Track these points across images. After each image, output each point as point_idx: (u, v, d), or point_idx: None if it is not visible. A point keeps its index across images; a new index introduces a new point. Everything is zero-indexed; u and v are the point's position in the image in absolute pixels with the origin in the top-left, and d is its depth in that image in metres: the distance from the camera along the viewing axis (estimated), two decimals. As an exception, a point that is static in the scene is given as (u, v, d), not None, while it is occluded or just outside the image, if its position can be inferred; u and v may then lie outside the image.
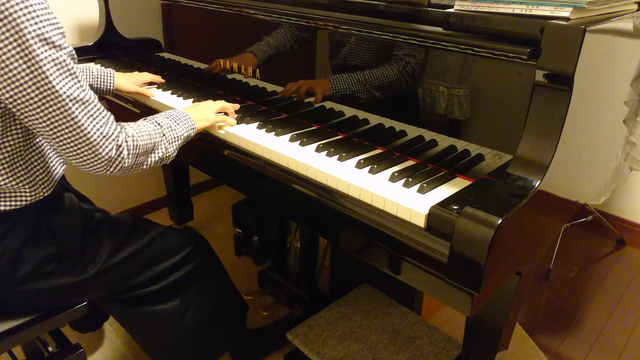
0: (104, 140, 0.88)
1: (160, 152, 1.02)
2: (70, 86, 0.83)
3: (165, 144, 1.03)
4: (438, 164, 0.97)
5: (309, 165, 0.99)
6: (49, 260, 1.03)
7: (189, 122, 1.11)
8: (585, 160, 1.00)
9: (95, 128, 0.87)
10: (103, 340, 1.65)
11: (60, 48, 0.81)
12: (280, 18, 1.19)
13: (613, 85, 1.03)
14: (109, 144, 0.89)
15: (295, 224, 1.73)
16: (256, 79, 1.31)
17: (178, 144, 1.07)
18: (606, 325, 1.80)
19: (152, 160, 1.01)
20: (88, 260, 1.08)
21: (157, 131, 1.02)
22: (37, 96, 0.81)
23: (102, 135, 0.88)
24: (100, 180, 2.16)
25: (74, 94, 0.83)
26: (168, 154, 1.05)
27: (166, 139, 1.04)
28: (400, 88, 1.03)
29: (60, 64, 0.81)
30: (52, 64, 0.80)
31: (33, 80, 0.79)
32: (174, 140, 1.06)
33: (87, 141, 0.86)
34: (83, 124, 0.85)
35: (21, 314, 1.07)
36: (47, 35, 0.79)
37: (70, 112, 0.83)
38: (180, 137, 1.07)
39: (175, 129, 1.07)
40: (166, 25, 1.56)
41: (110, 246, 1.11)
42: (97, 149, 0.88)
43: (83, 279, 1.08)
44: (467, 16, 0.88)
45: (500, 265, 0.78)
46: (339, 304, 1.57)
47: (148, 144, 0.98)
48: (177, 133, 1.07)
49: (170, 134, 1.05)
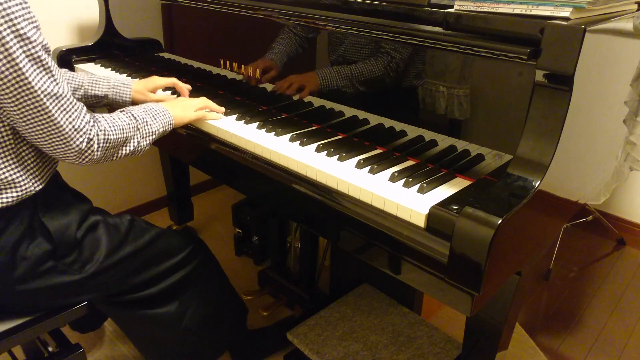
0: (75, 133, 0.92)
1: (132, 145, 1.05)
2: (44, 81, 0.87)
3: (138, 138, 1.06)
4: (438, 164, 0.97)
5: (309, 165, 0.99)
6: (45, 258, 1.03)
7: (167, 118, 1.13)
8: (585, 160, 1.00)
9: (68, 122, 0.91)
10: (103, 340, 1.65)
11: (35, 42, 0.84)
12: (280, 18, 1.19)
13: (613, 85, 1.03)
14: (80, 137, 0.93)
15: (295, 224, 1.73)
16: (256, 78, 1.31)
17: (152, 139, 1.09)
18: (606, 325, 1.80)
19: (123, 152, 1.04)
20: (86, 259, 1.08)
21: (131, 125, 1.04)
22: (16, 90, 0.85)
23: (74, 129, 0.92)
24: (100, 180, 2.16)
25: (47, 89, 0.87)
26: (140, 148, 1.07)
27: (140, 133, 1.06)
28: (385, 82, 1.03)
29: (35, 60, 0.85)
30: (27, 60, 0.84)
31: (12, 75, 0.83)
32: (147, 135, 1.08)
33: (59, 134, 0.91)
34: (56, 118, 0.89)
35: (21, 314, 1.07)
36: (22, 31, 0.82)
37: (44, 106, 0.87)
38: (155, 132, 1.09)
39: (151, 124, 1.08)
40: (166, 25, 1.56)
41: (108, 246, 1.11)
42: (69, 141, 0.92)
43: (81, 278, 1.07)
44: (467, 16, 0.88)
45: (500, 265, 0.78)
46: (339, 304, 1.57)
47: (120, 137, 1.01)
48: (152, 128, 1.09)
49: (145, 129, 1.07)
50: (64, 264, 1.05)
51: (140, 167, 2.31)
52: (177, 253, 1.23)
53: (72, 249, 1.06)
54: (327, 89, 1.14)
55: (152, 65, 1.66)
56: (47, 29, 1.85)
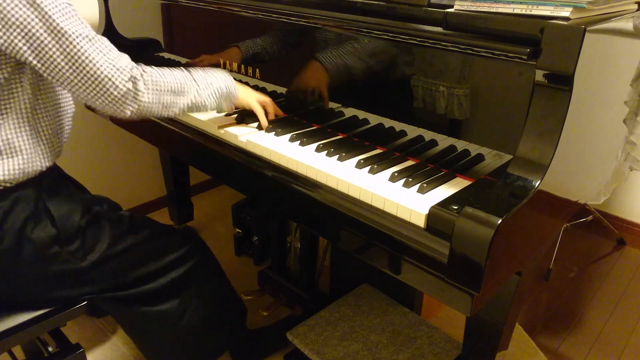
0: (117, 72, 0.93)
1: (192, 95, 1.02)
2: (76, 25, 0.91)
3: (195, 88, 1.02)
4: (438, 164, 0.97)
5: (309, 165, 0.99)
6: (50, 243, 1.04)
7: (229, 81, 1.09)
8: (585, 160, 1.00)
9: (107, 62, 0.92)
10: (103, 340, 1.65)
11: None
12: (280, 18, 1.19)
13: (613, 85, 1.03)
14: (124, 76, 0.93)
15: (295, 224, 1.73)
16: (256, 78, 1.31)
17: (212, 92, 1.05)
18: (606, 325, 1.80)
19: (183, 103, 1.01)
20: (88, 248, 1.09)
21: (185, 75, 1.02)
22: (47, 38, 0.88)
23: (115, 68, 0.92)
24: (100, 180, 2.16)
25: (79, 31, 0.91)
26: (202, 101, 1.03)
27: (197, 84, 1.02)
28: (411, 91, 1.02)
29: (63, 8, 0.90)
30: (54, 7, 0.88)
31: (40, 23, 0.87)
32: (207, 87, 1.04)
33: (101, 75, 0.92)
34: (94, 58, 0.91)
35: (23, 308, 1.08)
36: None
37: (79, 47, 0.90)
38: (214, 85, 1.05)
39: (208, 78, 1.05)
40: (166, 25, 1.56)
41: (110, 237, 1.13)
42: (113, 82, 0.92)
43: (83, 266, 1.09)
44: (467, 16, 0.88)
45: (500, 265, 0.78)
46: (339, 304, 1.57)
47: (172, 82, 0.99)
48: (211, 81, 1.05)
49: (202, 81, 1.03)
50: (67, 252, 1.07)
51: (140, 167, 2.31)
52: (178, 249, 1.24)
53: (76, 236, 1.08)
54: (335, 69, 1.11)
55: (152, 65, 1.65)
56: None
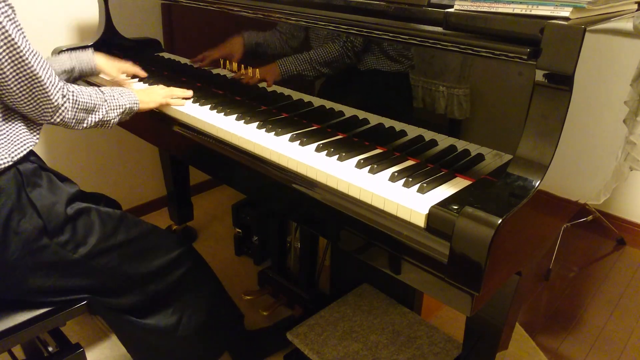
0: (53, 87, 1.01)
1: (100, 114, 1.13)
2: (24, 40, 0.95)
3: (106, 108, 1.14)
4: (438, 164, 0.97)
5: (309, 165, 0.99)
6: (38, 235, 1.04)
7: (133, 97, 1.21)
8: (585, 160, 1.00)
9: (47, 76, 1.00)
10: (103, 340, 1.65)
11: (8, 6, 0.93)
12: (280, 18, 1.19)
13: (613, 85, 1.03)
14: (57, 92, 1.03)
15: (295, 224, 1.72)
16: (256, 79, 1.31)
17: (119, 112, 1.18)
18: (606, 325, 1.80)
19: (92, 119, 1.12)
20: (79, 240, 1.09)
21: (99, 96, 1.13)
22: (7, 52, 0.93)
23: (51, 84, 1.01)
24: (100, 179, 2.16)
25: (27, 46, 0.96)
26: (108, 119, 1.15)
27: (107, 104, 1.14)
28: (411, 91, 1.02)
29: (16, 22, 0.94)
30: (11, 23, 0.93)
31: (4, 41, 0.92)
32: (115, 108, 1.16)
33: (41, 87, 0.99)
34: (39, 73, 0.98)
35: (21, 312, 1.08)
36: None
37: (29, 63, 0.96)
38: (122, 106, 1.18)
39: (117, 98, 1.17)
40: (166, 25, 1.56)
41: (102, 231, 1.12)
42: (49, 95, 1.01)
43: (74, 259, 1.08)
44: (466, 16, 0.88)
45: (500, 265, 0.78)
46: (339, 304, 1.57)
47: (88, 102, 1.10)
48: (120, 102, 1.17)
49: (112, 102, 1.16)
50: (57, 244, 1.06)
51: (140, 167, 2.31)
52: (169, 251, 1.23)
53: (64, 227, 1.07)
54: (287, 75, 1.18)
55: (152, 65, 1.66)
56: (47, 29, 1.85)
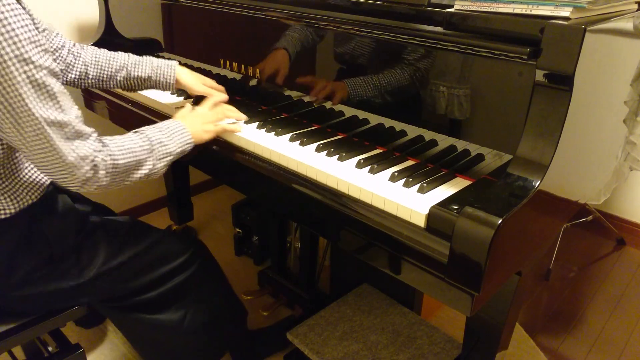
0: (80, 161, 0.86)
1: (146, 169, 0.98)
2: (46, 108, 0.82)
3: (152, 161, 0.99)
4: (438, 164, 0.97)
5: (309, 165, 0.99)
6: (43, 264, 1.02)
7: (185, 137, 1.05)
8: (585, 160, 1.00)
9: (71, 149, 0.85)
10: (103, 340, 1.65)
11: (41, 68, 0.80)
12: (280, 18, 1.19)
13: (613, 85, 1.03)
14: (85, 165, 0.87)
15: (295, 224, 1.72)
16: (256, 78, 1.31)
17: (169, 160, 1.02)
18: (606, 325, 1.80)
19: (136, 176, 0.98)
20: (84, 264, 1.07)
21: (144, 147, 0.98)
22: (13, 117, 0.80)
23: (78, 157, 0.86)
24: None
25: (50, 117, 0.82)
26: (155, 170, 1.00)
27: (154, 155, 0.99)
28: (411, 91, 1.02)
29: (38, 85, 0.80)
30: (30, 86, 0.79)
31: (9, 100, 0.79)
32: (163, 157, 1.01)
33: (62, 163, 0.85)
34: (58, 146, 0.84)
35: (21, 315, 1.07)
36: (26, 55, 0.78)
37: (45, 134, 0.82)
38: (172, 153, 1.02)
39: (167, 144, 1.01)
40: (166, 25, 1.56)
41: (107, 250, 1.10)
42: (73, 170, 0.86)
43: (79, 283, 1.07)
44: (467, 16, 0.88)
45: (500, 265, 0.78)
46: (339, 304, 1.57)
47: (130, 162, 0.95)
48: (169, 149, 1.02)
49: (160, 150, 1.00)
50: (61, 270, 1.04)
51: (140, 167, 2.30)
52: (177, 257, 1.22)
53: (70, 255, 1.05)
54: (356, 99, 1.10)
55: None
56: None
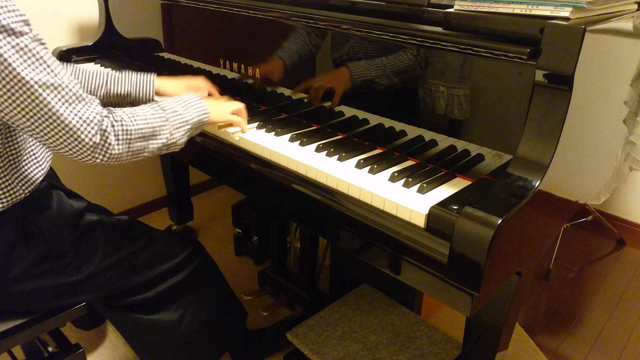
0: (84, 125, 0.83)
1: (163, 137, 0.95)
2: (37, 72, 0.79)
3: (169, 129, 0.95)
4: (438, 164, 0.97)
5: (309, 165, 0.99)
6: (41, 259, 1.02)
7: (201, 107, 1.03)
8: (585, 160, 1.00)
9: (73, 113, 0.82)
10: (103, 340, 1.65)
11: (21, 34, 0.78)
12: (280, 18, 1.19)
13: (613, 85, 1.03)
14: (91, 129, 0.84)
15: (295, 224, 1.72)
16: (256, 78, 1.31)
17: (186, 129, 0.99)
18: (606, 325, 1.80)
19: (154, 146, 0.94)
20: (82, 260, 1.07)
21: (157, 115, 0.94)
22: (5, 87, 0.78)
23: (81, 120, 0.83)
24: (100, 180, 2.16)
25: (42, 79, 0.80)
26: (174, 140, 0.97)
27: (170, 123, 0.96)
28: (411, 91, 1.02)
29: (22, 50, 0.78)
30: (13, 51, 0.77)
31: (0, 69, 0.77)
32: (180, 125, 0.98)
33: (65, 127, 0.82)
34: (58, 110, 0.81)
35: (21, 314, 1.07)
36: (3, 22, 0.77)
37: (41, 98, 0.80)
38: (189, 121, 0.99)
39: (182, 113, 0.98)
40: (166, 25, 1.56)
41: (105, 247, 1.10)
42: (79, 135, 0.83)
43: (77, 279, 1.07)
44: (466, 16, 0.88)
45: (500, 265, 0.78)
46: (339, 304, 1.57)
47: (144, 128, 0.91)
48: (185, 117, 0.98)
49: (175, 119, 0.97)
50: (60, 266, 1.04)
51: (140, 167, 2.31)
52: (175, 256, 1.22)
53: (68, 250, 1.05)
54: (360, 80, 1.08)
55: (152, 65, 1.66)
56: (47, 28, 1.85)
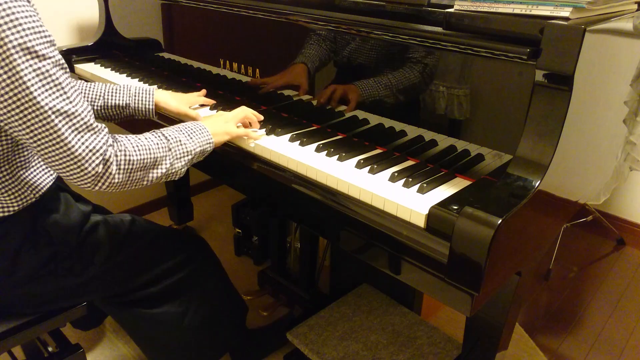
0: (89, 154, 0.84)
1: (164, 167, 0.96)
2: (53, 98, 0.80)
3: (170, 159, 0.96)
4: (438, 164, 0.97)
5: (309, 165, 0.99)
6: (46, 262, 1.02)
7: (205, 136, 1.03)
8: (585, 160, 1.00)
9: (80, 142, 0.83)
10: (103, 340, 1.65)
11: (45, 58, 0.79)
12: (280, 18, 1.19)
13: (613, 85, 1.03)
14: (95, 159, 0.84)
15: (295, 224, 1.72)
16: (256, 78, 1.31)
17: (188, 159, 1.00)
18: (606, 325, 1.80)
19: (154, 176, 0.95)
20: (86, 262, 1.07)
21: (161, 145, 0.95)
22: (19, 107, 0.78)
23: (87, 150, 0.83)
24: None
25: (57, 106, 0.80)
26: (174, 170, 0.98)
27: (172, 153, 0.97)
28: (411, 91, 1.02)
29: (43, 74, 0.79)
30: (34, 74, 0.77)
31: (14, 90, 0.77)
32: (182, 156, 0.99)
33: (71, 155, 0.83)
34: (67, 137, 0.81)
35: (21, 314, 1.07)
36: (29, 44, 0.77)
37: (52, 124, 0.80)
38: (191, 152, 1.00)
39: (185, 143, 0.99)
40: (166, 25, 1.56)
41: (109, 248, 1.10)
42: (83, 164, 0.83)
43: (82, 280, 1.07)
44: (467, 16, 0.88)
45: (500, 265, 0.78)
46: (339, 304, 1.57)
47: (146, 159, 0.92)
48: (188, 148, 0.99)
49: (178, 149, 0.98)
50: (64, 268, 1.05)
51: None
52: (179, 253, 1.23)
53: (73, 252, 1.06)
54: (369, 100, 1.09)
55: (152, 65, 1.66)
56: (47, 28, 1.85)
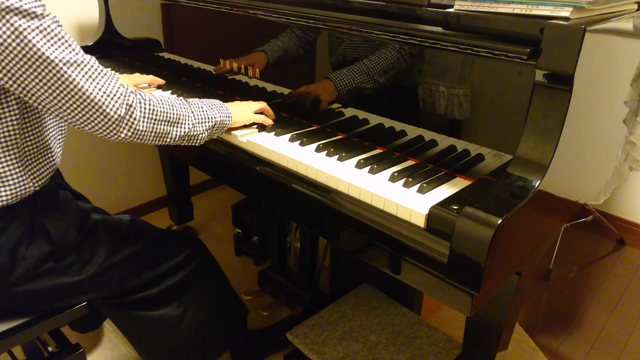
0: (108, 99, 0.87)
1: (186, 127, 0.99)
2: (60, 51, 0.83)
3: (192, 120, 1.00)
4: (438, 164, 0.97)
5: (309, 165, 0.99)
6: (45, 259, 1.02)
7: (224, 110, 1.08)
8: (585, 160, 1.00)
9: (97, 88, 0.86)
10: (103, 340, 1.65)
11: (43, 16, 0.82)
12: (280, 18, 1.19)
13: (613, 85, 1.03)
14: (115, 102, 0.88)
15: (295, 224, 1.73)
16: (256, 79, 1.31)
17: (209, 126, 1.03)
18: (606, 325, 1.80)
19: (178, 133, 0.98)
20: (85, 260, 1.08)
21: (184, 105, 0.99)
22: (31, 67, 0.82)
23: (105, 94, 0.87)
24: (100, 180, 2.16)
25: (65, 57, 0.83)
26: (196, 133, 1.01)
27: (195, 116, 1.00)
28: (402, 71, 1.02)
29: (45, 30, 0.82)
30: (37, 32, 0.81)
31: (22, 52, 0.80)
32: (204, 121, 1.02)
33: (91, 102, 0.86)
34: (82, 86, 0.85)
35: (21, 314, 1.07)
36: (26, 7, 0.80)
37: (66, 76, 0.83)
38: (212, 119, 1.04)
39: (207, 110, 1.03)
40: (166, 25, 1.56)
41: (108, 247, 1.11)
42: (104, 109, 0.87)
43: (80, 279, 1.07)
44: (467, 16, 0.88)
45: (500, 265, 0.78)
46: (339, 304, 1.57)
47: (169, 112, 0.96)
48: (209, 115, 1.03)
49: (200, 114, 1.01)
50: (63, 265, 1.05)
51: (140, 167, 2.31)
52: (177, 254, 1.23)
53: (72, 251, 1.06)
54: (345, 90, 1.11)
55: (152, 65, 1.66)
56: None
